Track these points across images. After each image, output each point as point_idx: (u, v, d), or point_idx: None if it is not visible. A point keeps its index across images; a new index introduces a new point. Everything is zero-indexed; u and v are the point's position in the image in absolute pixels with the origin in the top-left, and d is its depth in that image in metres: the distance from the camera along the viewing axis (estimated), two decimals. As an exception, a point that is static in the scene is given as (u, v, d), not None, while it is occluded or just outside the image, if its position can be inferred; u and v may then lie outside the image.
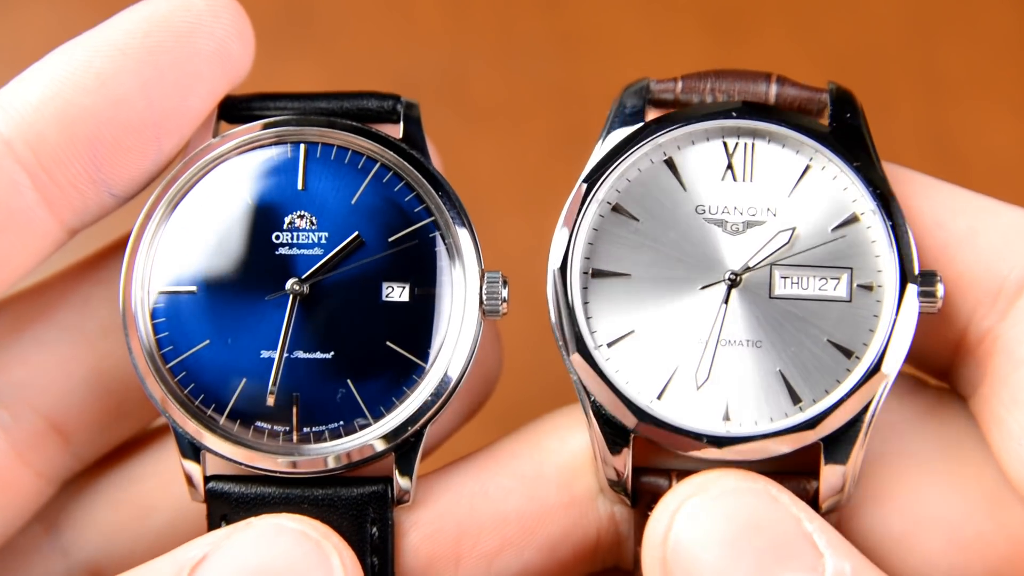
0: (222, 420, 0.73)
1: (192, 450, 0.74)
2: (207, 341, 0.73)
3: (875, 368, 0.70)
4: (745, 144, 0.74)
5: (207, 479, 0.74)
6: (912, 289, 0.71)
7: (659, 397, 0.71)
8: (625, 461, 0.71)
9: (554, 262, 0.74)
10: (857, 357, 0.71)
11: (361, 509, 0.73)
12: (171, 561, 0.69)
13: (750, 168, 0.74)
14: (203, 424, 0.73)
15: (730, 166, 0.74)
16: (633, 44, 1.33)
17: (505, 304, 0.74)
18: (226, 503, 0.73)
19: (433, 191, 0.74)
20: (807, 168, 0.73)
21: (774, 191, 0.73)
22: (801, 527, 0.65)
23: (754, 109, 0.74)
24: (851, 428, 0.70)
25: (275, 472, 0.73)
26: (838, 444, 0.70)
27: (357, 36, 1.34)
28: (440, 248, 0.74)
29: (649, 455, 0.72)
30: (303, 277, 0.73)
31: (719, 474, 0.68)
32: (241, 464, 0.73)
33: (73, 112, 0.71)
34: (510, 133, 1.31)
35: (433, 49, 1.33)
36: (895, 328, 0.70)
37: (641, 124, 0.74)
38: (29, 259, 0.73)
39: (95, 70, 0.71)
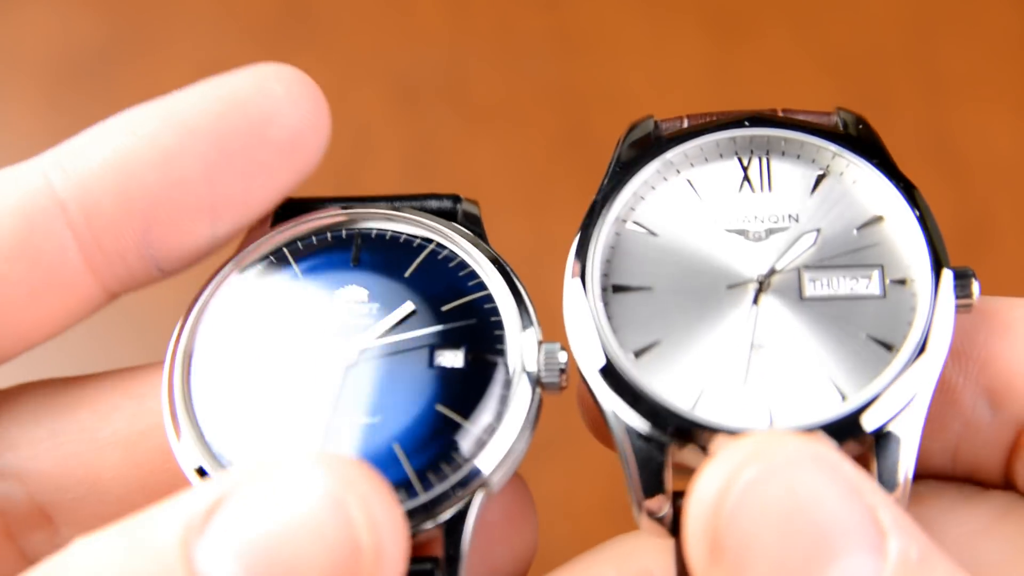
0: None
1: None
2: (255, 412, 0.71)
3: (917, 355, 0.68)
4: (760, 158, 0.73)
5: None
6: (947, 274, 0.69)
7: (697, 403, 0.68)
8: (664, 482, 0.68)
9: (571, 279, 0.71)
10: (898, 349, 0.68)
11: None
12: (172, 513, 0.58)
13: (767, 179, 0.72)
14: None
15: (747, 178, 0.73)
16: (633, 44, 1.33)
17: (565, 376, 0.70)
18: None
19: (490, 264, 0.73)
20: (825, 173, 0.72)
21: (794, 198, 0.72)
22: (864, 501, 0.61)
23: (766, 120, 0.73)
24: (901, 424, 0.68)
25: None
26: (889, 441, 0.68)
27: (357, 35, 1.34)
28: (495, 319, 0.72)
29: (686, 478, 0.69)
30: (352, 344, 0.72)
31: (778, 438, 0.62)
32: None
33: (133, 185, 0.69)
34: (510, 133, 1.31)
35: (433, 49, 1.33)
36: (934, 315, 0.68)
37: (652, 143, 0.73)
38: (67, 319, 0.72)
39: (161, 146, 0.69)
